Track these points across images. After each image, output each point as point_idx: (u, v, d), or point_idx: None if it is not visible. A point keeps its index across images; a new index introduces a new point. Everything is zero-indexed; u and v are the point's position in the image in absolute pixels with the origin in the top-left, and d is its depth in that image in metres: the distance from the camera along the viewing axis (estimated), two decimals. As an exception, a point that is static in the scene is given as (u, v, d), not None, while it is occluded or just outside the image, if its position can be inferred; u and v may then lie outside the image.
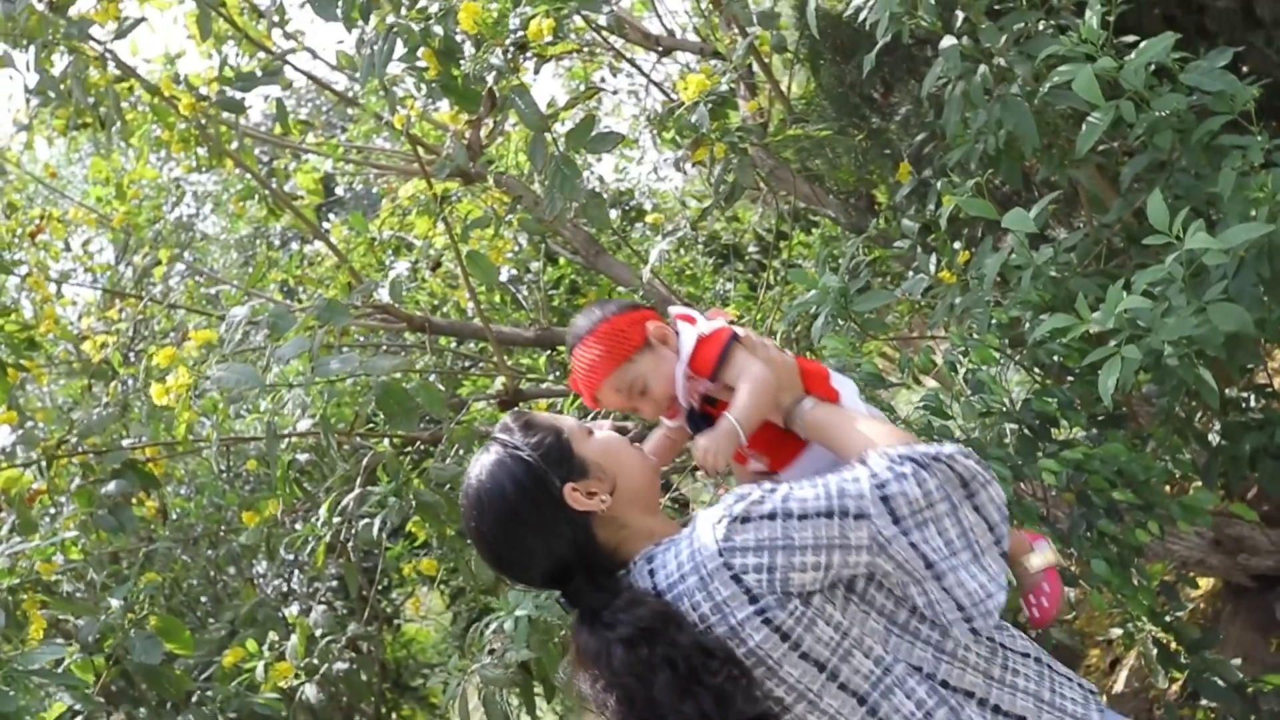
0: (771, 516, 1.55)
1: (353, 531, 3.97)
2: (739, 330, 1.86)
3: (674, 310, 1.92)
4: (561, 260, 5.85)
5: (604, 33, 4.75)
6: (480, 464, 1.70)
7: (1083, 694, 1.74)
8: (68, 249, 5.11)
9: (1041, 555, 2.05)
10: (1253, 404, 3.65)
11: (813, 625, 1.55)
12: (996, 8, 3.24)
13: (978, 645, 1.67)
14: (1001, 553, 1.64)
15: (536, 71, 3.72)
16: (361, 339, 4.95)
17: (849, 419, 1.77)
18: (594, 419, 2.71)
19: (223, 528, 5.82)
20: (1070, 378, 3.24)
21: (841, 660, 1.57)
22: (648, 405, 1.85)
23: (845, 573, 1.57)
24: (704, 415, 1.85)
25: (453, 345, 5.65)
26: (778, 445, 1.89)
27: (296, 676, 3.92)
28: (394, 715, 12.44)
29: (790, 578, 1.53)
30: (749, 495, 1.59)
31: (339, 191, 9.93)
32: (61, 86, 3.65)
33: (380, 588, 6.03)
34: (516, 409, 1.78)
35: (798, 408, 1.82)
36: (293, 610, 5.49)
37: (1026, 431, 3.19)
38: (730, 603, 1.54)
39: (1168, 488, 3.23)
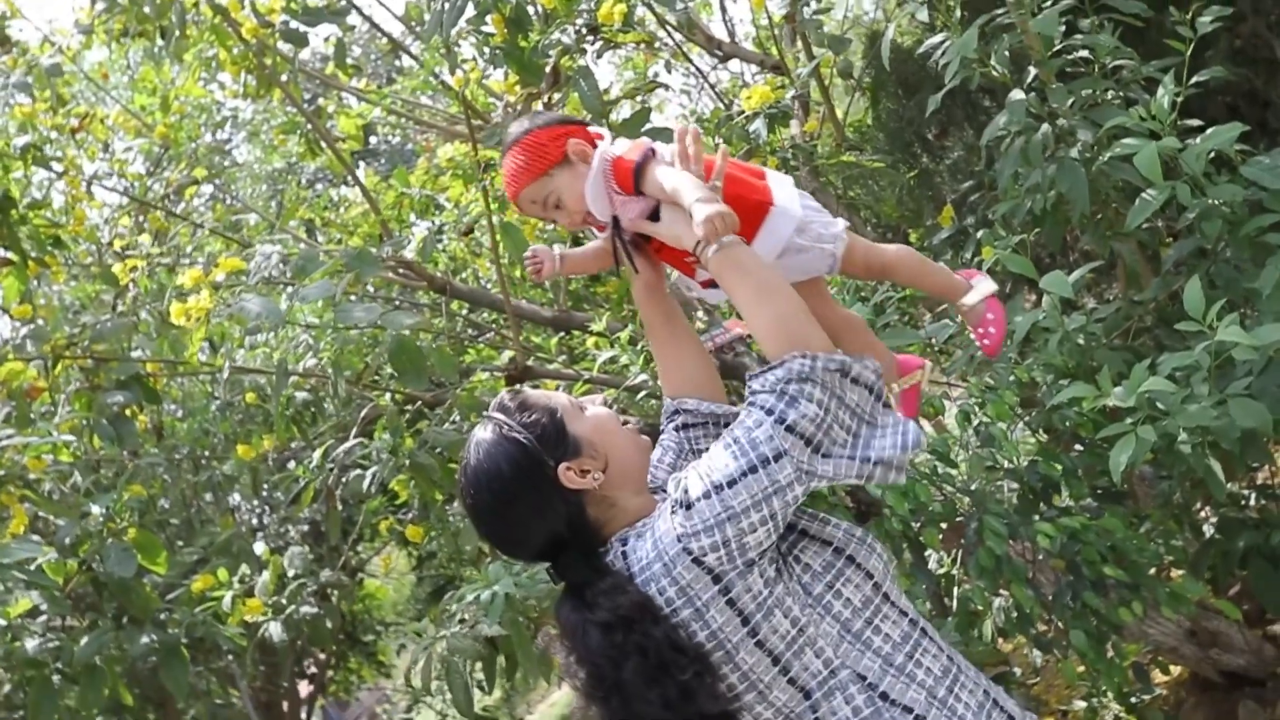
0: (706, 495, 1.58)
1: (343, 480, 3.97)
2: (656, 146, 1.84)
3: (594, 129, 1.91)
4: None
5: (668, 28, 4.74)
6: (478, 443, 1.72)
7: None
8: (106, 150, 5.09)
9: (979, 290, 2.11)
10: (1252, 502, 3.66)
11: (771, 615, 1.60)
12: (1067, 70, 3.25)
13: (935, 660, 1.71)
14: (884, 404, 1.69)
15: (600, 55, 3.71)
16: (372, 289, 4.94)
17: (755, 271, 1.72)
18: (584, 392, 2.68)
19: (207, 454, 5.82)
20: (1079, 447, 3.25)
21: (794, 655, 1.62)
22: (563, 216, 1.90)
23: (792, 511, 1.62)
24: (630, 237, 1.89)
25: (464, 311, 5.65)
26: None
27: (263, 613, 3.91)
28: (341, 666, 12.49)
29: (745, 543, 1.58)
30: (681, 483, 1.63)
31: (372, 141, 9.92)
32: (133, -10, 3.64)
33: (350, 540, 6.02)
34: (512, 387, 1.79)
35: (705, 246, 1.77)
36: (259, 546, 5.47)
37: (1028, 493, 3.20)
38: (694, 585, 1.59)
39: (1152, 571, 3.24)
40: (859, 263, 2.04)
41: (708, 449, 1.66)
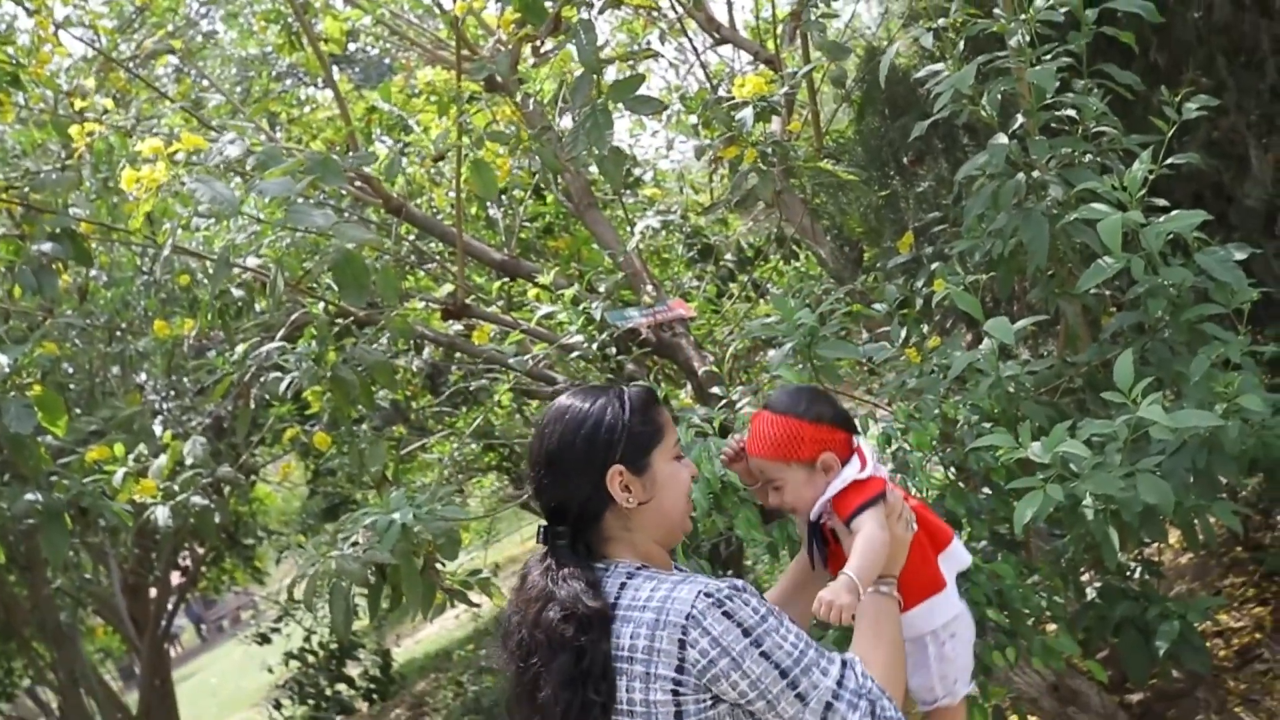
0: (745, 631, 1.63)
1: (260, 380, 3.91)
2: (889, 491, 1.94)
3: (859, 442, 2.00)
4: (549, 199, 5.80)
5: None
6: (600, 393, 1.84)
7: None
8: (83, -1, 4.94)
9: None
10: (1136, 575, 3.77)
11: None
12: (1052, 125, 3.30)
13: None
14: None
15: (603, 11, 3.69)
16: (323, 196, 4.85)
17: (883, 630, 1.83)
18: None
19: (124, 326, 5.70)
20: (987, 490, 3.32)
21: None
22: (774, 499, 2.01)
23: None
24: (822, 533, 2.01)
25: (411, 237, 5.59)
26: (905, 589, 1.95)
27: (154, 496, 3.85)
28: (216, 564, 12.33)
29: (719, 680, 1.63)
30: (744, 595, 1.67)
31: (351, 48, 9.72)
32: None
33: (254, 441, 5.94)
34: (655, 391, 1.85)
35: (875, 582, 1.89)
36: (158, 428, 5.37)
37: (930, 525, 3.25)
38: (662, 655, 1.64)
39: (1031, 622, 3.33)
40: None
41: None
